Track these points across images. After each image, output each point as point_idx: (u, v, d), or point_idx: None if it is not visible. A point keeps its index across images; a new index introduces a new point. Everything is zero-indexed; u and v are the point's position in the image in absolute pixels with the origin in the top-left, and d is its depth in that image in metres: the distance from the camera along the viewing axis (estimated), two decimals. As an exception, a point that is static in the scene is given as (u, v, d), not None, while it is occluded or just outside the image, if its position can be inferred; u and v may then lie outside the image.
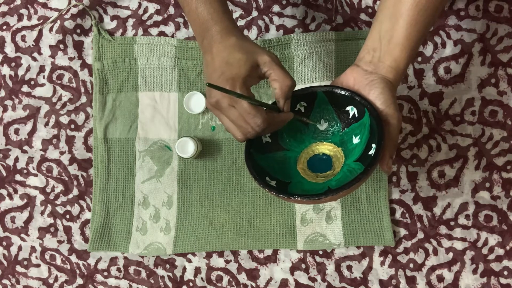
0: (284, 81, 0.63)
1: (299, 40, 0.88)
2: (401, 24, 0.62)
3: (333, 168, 0.69)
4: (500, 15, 0.86)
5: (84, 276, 0.90)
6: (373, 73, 0.64)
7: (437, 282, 0.85)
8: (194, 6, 0.66)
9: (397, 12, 0.62)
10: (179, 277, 0.89)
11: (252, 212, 0.87)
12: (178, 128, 0.89)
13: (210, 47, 0.64)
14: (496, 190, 0.85)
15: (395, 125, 0.63)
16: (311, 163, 0.70)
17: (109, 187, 0.90)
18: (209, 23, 0.65)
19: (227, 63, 0.62)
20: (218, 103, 0.62)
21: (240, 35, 0.66)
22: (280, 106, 0.65)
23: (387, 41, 0.63)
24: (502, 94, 0.86)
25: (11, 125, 0.93)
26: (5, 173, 0.92)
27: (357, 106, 0.66)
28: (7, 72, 0.93)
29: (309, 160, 0.70)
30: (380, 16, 0.64)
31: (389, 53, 0.63)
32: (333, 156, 0.70)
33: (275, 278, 0.87)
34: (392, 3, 0.63)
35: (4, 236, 0.92)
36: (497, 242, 0.85)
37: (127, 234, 0.89)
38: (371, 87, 0.64)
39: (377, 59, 0.64)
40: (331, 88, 0.67)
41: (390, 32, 0.63)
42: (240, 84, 0.61)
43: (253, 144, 0.68)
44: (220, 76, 0.61)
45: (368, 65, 0.65)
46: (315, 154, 0.71)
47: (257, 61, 0.63)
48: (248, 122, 0.62)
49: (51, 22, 0.92)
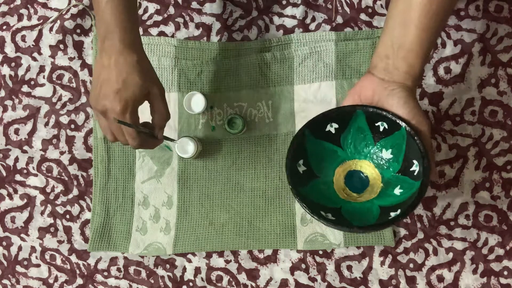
0: (162, 115, 0.71)
1: (299, 40, 0.88)
2: (413, 30, 0.61)
3: (371, 185, 0.68)
4: (500, 15, 0.86)
5: (84, 276, 0.90)
6: (391, 81, 0.63)
7: (437, 282, 0.85)
8: (103, 6, 0.68)
9: (407, 18, 0.61)
10: (179, 277, 0.89)
11: (252, 212, 0.87)
12: (178, 128, 0.89)
13: (110, 53, 0.67)
14: (496, 190, 0.85)
15: (427, 131, 0.63)
16: (348, 183, 0.69)
17: (109, 187, 0.90)
18: (112, 26, 0.68)
19: (124, 82, 0.66)
20: (106, 112, 0.67)
21: (141, 54, 0.70)
22: (156, 134, 0.73)
23: (400, 48, 0.62)
24: (502, 94, 0.86)
25: (11, 125, 0.93)
26: (5, 173, 0.92)
27: (388, 121, 0.64)
28: (7, 72, 0.93)
29: (346, 180, 0.69)
30: (391, 23, 0.64)
31: (403, 60, 0.62)
32: (367, 173, 0.69)
33: (275, 278, 0.87)
34: (402, 10, 0.62)
35: (4, 236, 0.92)
36: (497, 242, 0.85)
37: (127, 234, 0.89)
38: (393, 97, 0.63)
39: (392, 66, 0.63)
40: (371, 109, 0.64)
41: (402, 38, 0.62)
42: (132, 109, 0.67)
43: (295, 180, 0.66)
44: (117, 94, 0.66)
45: (383, 73, 0.64)
46: (349, 171, 0.70)
47: (149, 89, 0.69)
48: (126, 138, 0.69)
49: (51, 22, 0.92)
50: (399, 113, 0.63)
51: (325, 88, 0.87)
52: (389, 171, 0.67)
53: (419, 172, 0.62)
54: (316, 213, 0.63)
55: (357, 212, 0.66)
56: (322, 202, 0.66)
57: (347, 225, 0.61)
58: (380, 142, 0.68)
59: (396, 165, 0.67)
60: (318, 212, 0.63)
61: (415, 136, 0.62)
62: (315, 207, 0.64)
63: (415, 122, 0.62)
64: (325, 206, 0.66)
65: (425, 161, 0.61)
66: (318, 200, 0.66)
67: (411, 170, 0.64)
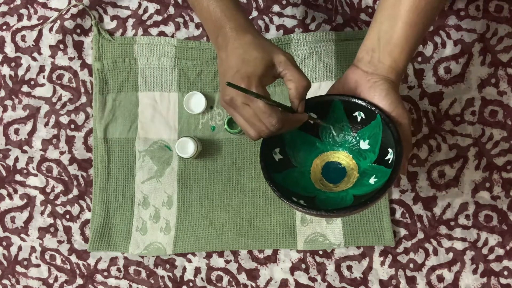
0: (300, 82, 0.61)
1: (299, 40, 0.88)
2: (400, 25, 0.62)
3: (348, 175, 0.68)
4: (500, 15, 0.86)
5: (84, 276, 0.90)
6: (374, 74, 0.64)
7: (437, 282, 0.85)
8: (206, 4, 0.65)
9: (396, 13, 0.62)
10: (179, 277, 0.89)
11: (252, 212, 0.87)
12: (178, 128, 0.89)
13: (225, 45, 0.63)
14: (496, 190, 0.85)
15: (407, 125, 0.63)
16: (325, 173, 0.69)
17: (109, 187, 0.90)
18: (222, 21, 0.64)
19: (243, 61, 0.60)
20: (233, 100, 0.61)
21: (255, 33, 0.64)
22: (295, 107, 0.63)
23: (386, 42, 0.63)
24: (502, 94, 0.86)
25: (11, 125, 0.93)
26: (5, 173, 0.92)
27: (365, 111, 0.65)
28: (7, 72, 0.93)
29: (323, 171, 0.70)
30: (379, 17, 0.64)
31: (388, 54, 0.63)
32: (345, 164, 0.69)
33: (275, 278, 0.87)
34: (391, 4, 0.62)
35: (4, 236, 0.92)
36: (497, 242, 0.85)
37: (127, 234, 0.89)
38: (375, 89, 0.63)
39: (377, 59, 0.64)
40: (346, 97, 0.65)
41: (389, 33, 0.63)
42: (256, 83, 0.60)
43: (269, 165, 0.66)
44: (236, 74, 0.60)
45: (368, 66, 0.65)
46: (327, 162, 0.70)
47: (273, 60, 0.61)
48: (262, 121, 0.60)
49: (51, 22, 0.92)
50: (380, 105, 0.63)
51: (325, 88, 0.87)
52: (366, 161, 0.68)
53: (393, 160, 0.62)
54: (288, 199, 0.63)
55: (331, 201, 0.66)
56: (296, 190, 0.66)
57: (315, 209, 0.61)
58: (358, 133, 0.68)
59: (372, 155, 0.67)
60: (290, 198, 0.63)
61: (389, 123, 0.62)
62: (288, 194, 0.64)
63: (395, 115, 0.63)
64: (299, 194, 0.66)
65: (398, 149, 0.61)
66: (293, 188, 0.66)
67: (386, 159, 0.64)
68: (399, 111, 0.63)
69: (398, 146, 0.61)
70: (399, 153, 0.61)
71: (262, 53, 0.61)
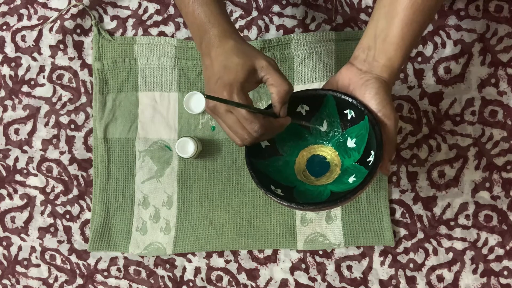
0: (281, 86, 0.62)
1: (299, 40, 0.88)
2: (397, 23, 0.62)
3: (331, 170, 0.69)
4: (500, 15, 0.86)
5: (84, 276, 0.90)
6: (368, 72, 0.64)
7: (437, 282, 0.85)
8: (191, 8, 0.66)
9: (393, 11, 0.62)
10: (179, 277, 0.89)
11: (252, 212, 0.87)
12: (178, 128, 0.89)
13: (208, 51, 0.64)
14: (496, 190, 0.85)
15: (392, 126, 0.63)
16: (309, 166, 0.70)
17: (109, 187, 0.90)
18: (206, 26, 0.65)
19: (224, 68, 0.61)
20: (216, 108, 0.62)
21: (238, 38, 0.65)
22: (277, 111, 0.64)
23: (382, 40, 0.63)
24: (502, 94, 0.86)
25: (11, 125, 0.93)
26: (5, 173, 0.92)
27: (356, 110, 0.66)
28: (7, 72, 0.93)
29: (308, 163, 0.71)
30: (376, 15, 0.64)
31: (383, 52, 0.63)
32: (329, 159, 0.70)
33: (275, 278, 0.87)
34: (388, 2, 0.62)
35: (4, 236, 0.92)
36: (497, 242, 0.85)
37: (127, 234, 0.89)
38: (366, 87, 0.63)
39: (372, 58, 0.64)
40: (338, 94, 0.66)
41: (385, 31, 0.63)
42: (238, 90, 0.60)
43: (252, 151, 0.67)
44: (218, 81, 0.61)
45: (363, 64, 0.65)
46: (313, 155, 0.71)
47: (255, 65, 0.62)
48: (245, 128, 0.61)
49: (51, 22, 0.92)
50: (368, 104, 0.63)
51: (325, 88, 0.87)
52: (349, 160, 0.68)
53: (372, 162, 0.62)
54: (265, 186, 0.63)
55: (308, 193, 0.67)
56: (277, 178, 0.67)
57: (287, 200, 0.62)
58: (347, 131, 0.69)
59: (357, 155, 0.67)
60: (268, 186, 0.64)
61: (375, 125, 0.62)
62: (267, 181, 0.65)
63: (381, 115, 0.63)
64: (280, 183, 0.67)
65: (378, 152, 0.61)
66: (274, 176, 0.67)
67: (368, 160, 0.64)
68: (386, 112, 0.63)
69: (379, 150, 0.61)
70: (378, 157, 0.61)
71: (243, 59, 0.61)
